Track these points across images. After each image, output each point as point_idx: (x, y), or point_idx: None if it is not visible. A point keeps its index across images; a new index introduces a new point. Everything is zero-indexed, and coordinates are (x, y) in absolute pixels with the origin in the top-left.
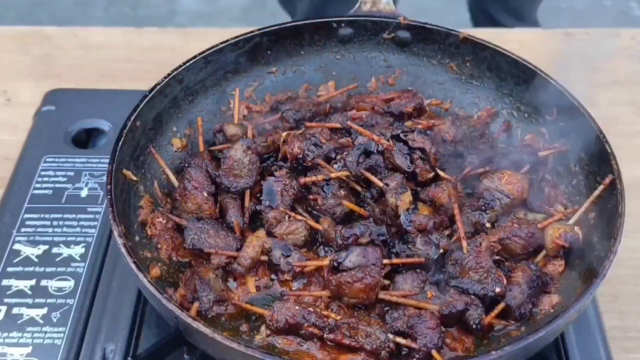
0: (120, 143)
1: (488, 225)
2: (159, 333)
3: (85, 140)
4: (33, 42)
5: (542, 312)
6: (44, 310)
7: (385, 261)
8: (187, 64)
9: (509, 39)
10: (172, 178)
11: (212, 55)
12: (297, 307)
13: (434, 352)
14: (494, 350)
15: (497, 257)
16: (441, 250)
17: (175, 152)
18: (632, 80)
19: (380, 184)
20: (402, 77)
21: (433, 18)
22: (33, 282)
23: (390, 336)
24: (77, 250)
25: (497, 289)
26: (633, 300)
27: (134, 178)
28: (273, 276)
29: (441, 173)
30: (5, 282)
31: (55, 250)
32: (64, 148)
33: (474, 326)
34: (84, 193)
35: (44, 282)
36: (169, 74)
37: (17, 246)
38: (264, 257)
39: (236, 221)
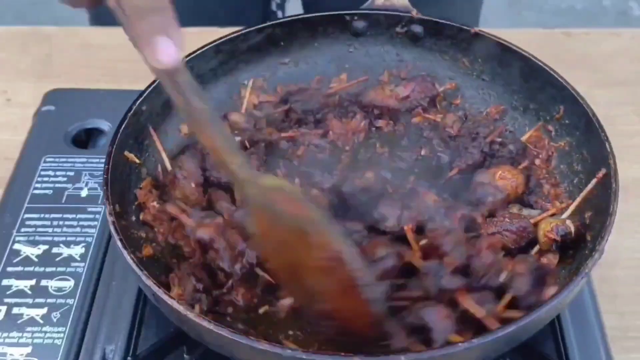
0: (124, 126)
1: (480, 220)
2: (159, 333)
3: (85, 140)
4: (33, 42)
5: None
6: (44, 310)
7: None
8: (198, 52)
9: (508, 39)
10: (167, 163)
11: (223, 45)
12: None
13: (451, 336)
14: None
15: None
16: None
17: (183, 137)
18: (632, 80)
19: None
20: (414, 71)
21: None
22: (33, 282)
23: None
24: (77, 250)
25: (501, 280)
26: (633, 300)
27: (137, 161)
28: None
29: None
30: (5, 282)
31: (55, 250)
32: (64, 148)
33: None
34: (84, 193)
35: (44, 282)
36: None
37: (17, 246)
38: None
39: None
